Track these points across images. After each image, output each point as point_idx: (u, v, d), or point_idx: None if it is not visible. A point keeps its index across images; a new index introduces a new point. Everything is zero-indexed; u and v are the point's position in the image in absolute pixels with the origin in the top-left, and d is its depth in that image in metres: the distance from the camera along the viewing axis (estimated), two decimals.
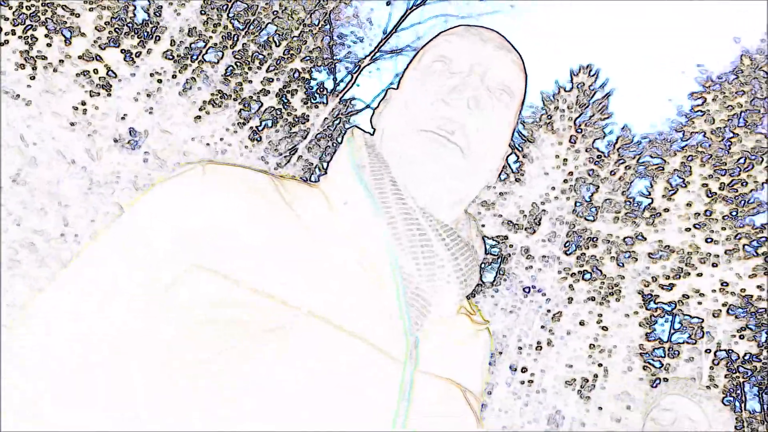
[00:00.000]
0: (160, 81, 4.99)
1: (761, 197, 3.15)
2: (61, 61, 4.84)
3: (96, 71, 4.73)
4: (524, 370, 3.08)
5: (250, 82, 4.88)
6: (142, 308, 0.70)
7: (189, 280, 0.71)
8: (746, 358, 2.64)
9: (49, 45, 4.79)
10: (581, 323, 3.02)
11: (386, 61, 4.83)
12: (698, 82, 3.99)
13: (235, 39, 5.13)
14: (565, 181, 3.52)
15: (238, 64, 4.96)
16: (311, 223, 0.77)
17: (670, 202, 3.14)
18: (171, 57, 5.04)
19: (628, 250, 3.15)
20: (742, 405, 2.56)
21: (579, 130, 3.99)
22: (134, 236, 0.75)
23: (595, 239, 3.22)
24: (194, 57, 5.05)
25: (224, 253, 0.72)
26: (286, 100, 4.83)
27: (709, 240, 2.92)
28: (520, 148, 3.75)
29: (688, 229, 3.00)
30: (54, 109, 4.48)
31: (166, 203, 0.76)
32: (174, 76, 4.92)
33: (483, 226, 3.59)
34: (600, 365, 2.88)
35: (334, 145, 4.80)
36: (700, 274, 2.84)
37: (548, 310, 3.12)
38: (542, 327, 3.08)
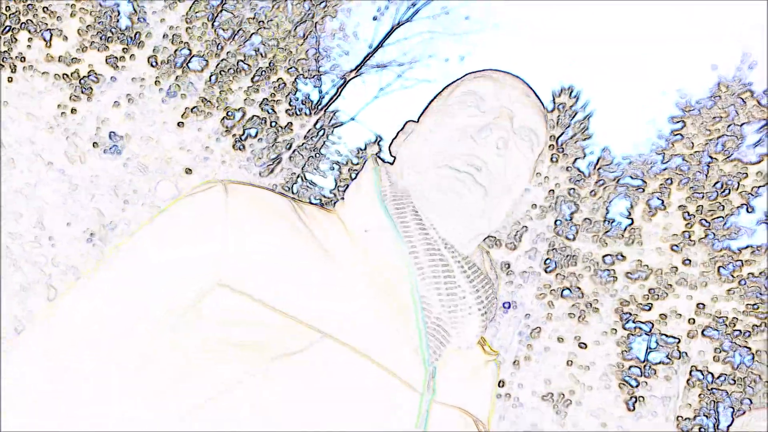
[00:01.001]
0: (142, 86, 4.95)
1: (738, 222, 3.22)
2: (40, 62, 4.78)
3: (77, 74, 4.68)
4: (501, 384, 3.09)
5: (235, 91, 4.87)
6: (164, 322, 0.69)
7: (212, 299, 0.71)
8: (720, 379, 2.69)
9: (29, 47, 4.73)
10: (560, 340, 3.04)
11: (371, 75, 4.85)
12: (678, 106, 4.08)
13: (220, 48, 5.12)
14: (547, 198, 3.56)
15: (223, 72, 4.95)
16: (331, 248, 0.76)
17: (650, 224, 3.19)
18: (154, 63, 5.01)
19: (607, 269, 3.19)
20: (716, 425, 2.60)
21: (560, 149, 4.05)
22: (156, 251, 0.74)
23: (574, 257, 3.25)
24: (178, 64, 5.02)
25: (247, 274, 0.71)
26: (271, 110, 4.83)
27: (686, 262, 2.97)
28: None
29: (666, 251, 3.04)
30: (32, 111, 4.42)
31: (189, 220, 0.75)
32: (157, 82, 4.89)
33: None
34: (577, 381, 2.90)
35: (317, 155, 4.80)
36: (677, 295, 2.89)
37: (527, 326, 3.13)
38: (521, 342, 3.09)
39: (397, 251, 0.76)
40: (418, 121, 0.89)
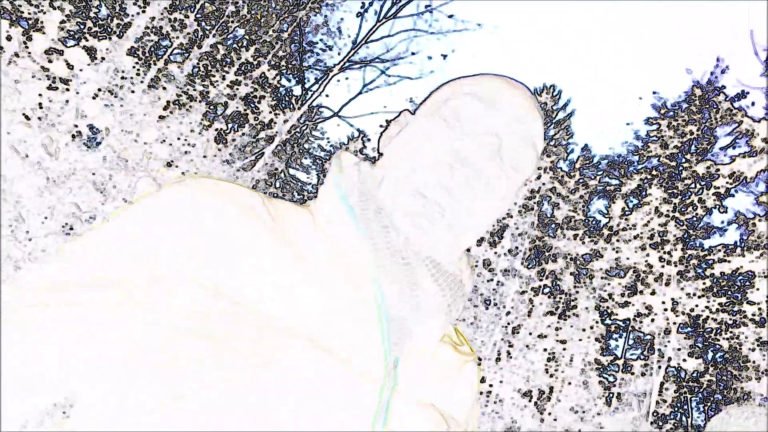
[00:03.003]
0: (123, 78, 4.89)
1: (710, 221, 3.32)
2: (17, 54, 4.68)
3: (56, 66, 4.59)
4: (482, 380, 3.14)
5: (217, 85, 4.83)
6: (126, 313, 0.71)
7: (173, 291, 0.72)
8: (694, 375, 2.78)
9: (8, 38, 4.63)
10: (540, 336, 3.10)
11: (355, 71, 4.86)
12: (654, 108, 4.18)
13: (202, 40, 5.07)
14: (529, 197, 3.61)
15: (205, 65, 4.90)
16: (297, 240, 0.78)
17: (627, 222, 3.27)
18: (135, 55, 4.94)
19: (585, 267, 3.26)
20: (689, 420, 2.69)
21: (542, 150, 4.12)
22: (119, 245, 0.75)
23: (555, 255, 3.31)
24: (159, 56, 4.96)
25: (209, 266, 0.73)
26: (254, 105, 4.80)
27: (662, 260, 3.05)
28: None
29: (643, 249, 3.12)
30: (10, 103, 4.33)
31: (153, 215, 0.76)
32: (138, 74, 4.82)
33: None
34: (556, 378, 2.96)
35: (300, 151, 4.80)
36: (653, 293, 2.97)
37: (508, 323, 3.19)
38: (502, 339, 3.14)
39: (359, 249, 0.77)
40: (414, 113, 0.88)
